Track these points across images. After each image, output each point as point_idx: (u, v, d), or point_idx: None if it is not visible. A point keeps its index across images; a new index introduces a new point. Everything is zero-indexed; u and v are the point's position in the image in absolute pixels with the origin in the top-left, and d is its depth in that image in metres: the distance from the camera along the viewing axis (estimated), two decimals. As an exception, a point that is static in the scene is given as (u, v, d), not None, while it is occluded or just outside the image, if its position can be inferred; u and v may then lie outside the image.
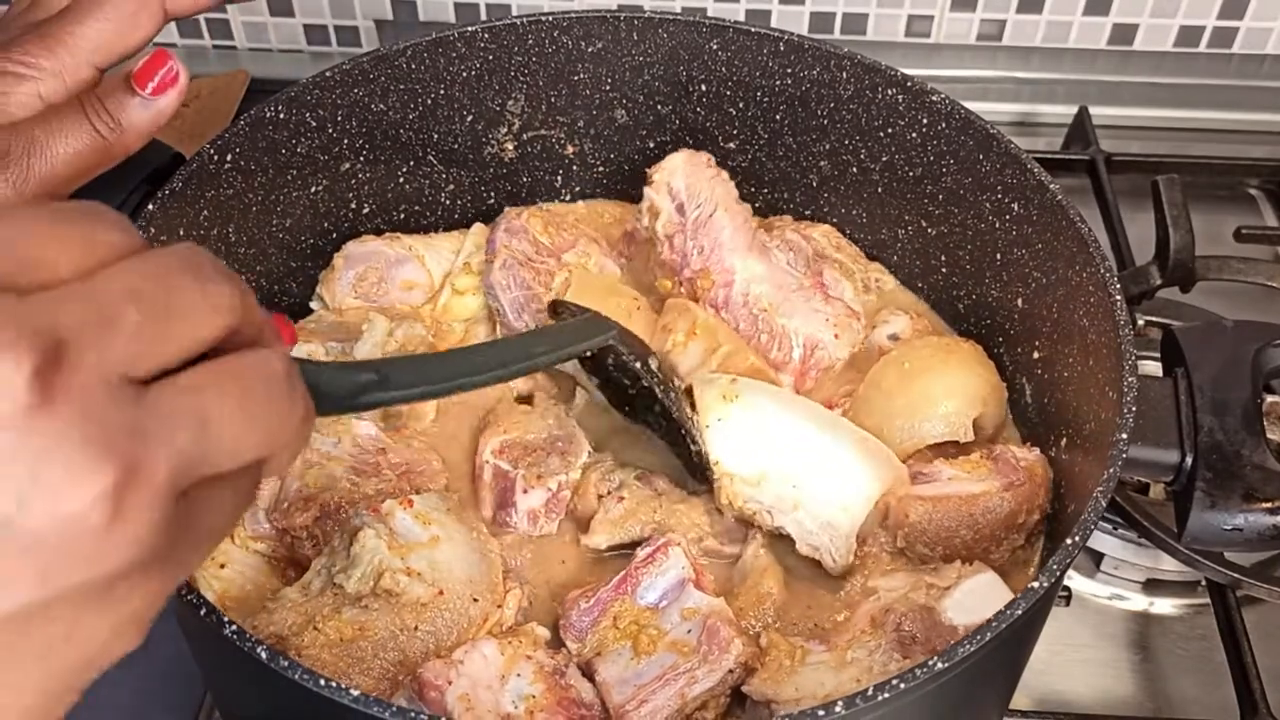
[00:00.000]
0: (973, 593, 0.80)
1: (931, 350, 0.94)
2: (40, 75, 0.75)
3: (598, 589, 0.82)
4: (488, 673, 0.76)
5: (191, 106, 1.43)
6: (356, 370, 0.60)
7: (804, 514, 0.86)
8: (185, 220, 0.87)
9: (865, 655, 0.78)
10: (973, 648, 0.63)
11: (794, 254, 1.01)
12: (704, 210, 0.98)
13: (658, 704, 0.77)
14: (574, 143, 1.09)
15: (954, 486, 0.86)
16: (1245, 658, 0.95)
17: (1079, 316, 0.85)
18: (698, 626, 0.80)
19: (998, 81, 1.53)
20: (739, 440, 0.87)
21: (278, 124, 0.94)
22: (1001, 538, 0.85)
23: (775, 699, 0.77)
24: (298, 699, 0.63)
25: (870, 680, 0.74)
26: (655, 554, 0.83)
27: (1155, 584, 1.06)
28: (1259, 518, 0.77)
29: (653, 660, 0.79)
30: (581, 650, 0.81)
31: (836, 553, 0.86)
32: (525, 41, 1.01)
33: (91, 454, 0.40)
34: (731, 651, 0.78)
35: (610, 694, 0.78)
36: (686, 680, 0.78)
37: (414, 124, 1.02)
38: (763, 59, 1.01)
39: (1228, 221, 1.34)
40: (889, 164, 1.01)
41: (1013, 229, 0.94)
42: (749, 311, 0.97)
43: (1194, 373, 0.83)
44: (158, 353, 0.43)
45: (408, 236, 1.03)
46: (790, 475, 0.86)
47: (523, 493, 0.88)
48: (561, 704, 0.77)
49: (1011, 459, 0.86)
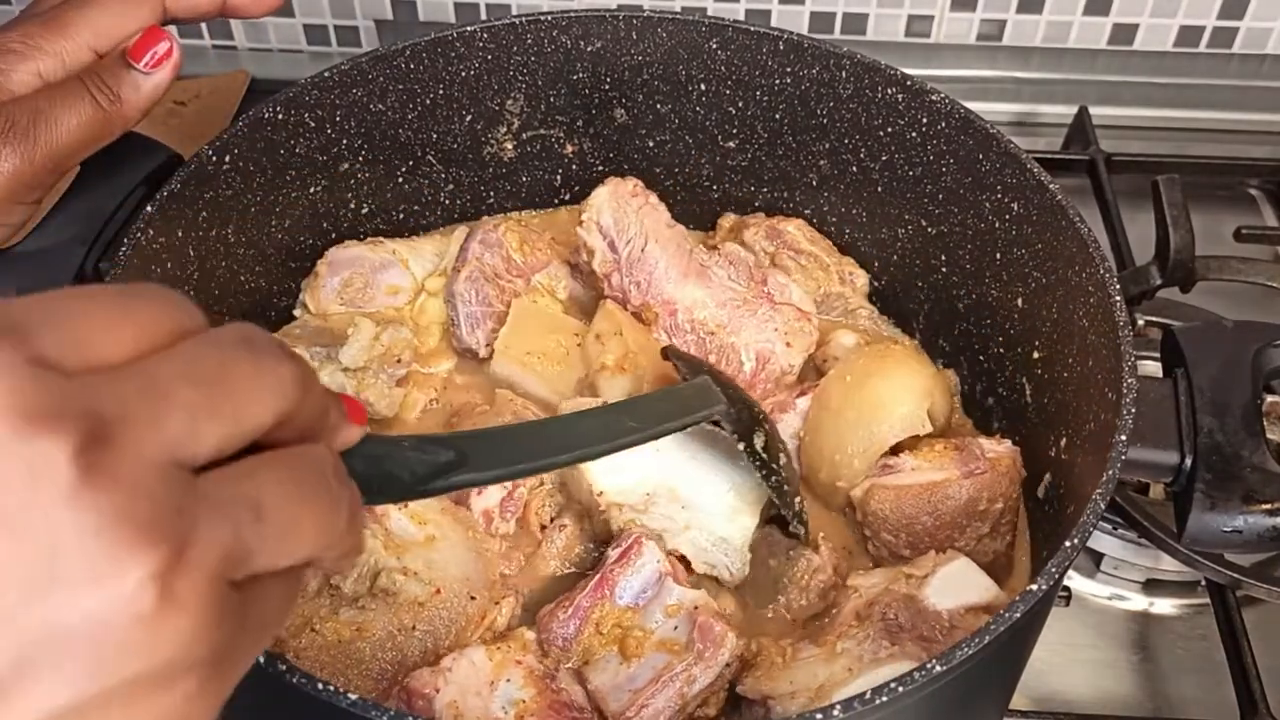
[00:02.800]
0: (950, 578, 0.82)
1: (867, 359, 0.95)
2: (40, 55, 0.77)
3: (574, 596, 0.81)
4: (476, 679, 0.75)
5: (191, 106, 1.43)
6: (435, 449, 0.55)
7: (695, 532, 0.86)
8: (184, 221, 0.87)
9: (855, 645, 0.78)
10: (972, 649, 0.63)
11: (735, 267, 1.00)
12: (634, 245, 0.98)
13: (658, 706, 0.76)
14: (573, 142, 1.09)
15: (915, 476, 0.88)
16: (1245, 658, 0.95)
17: (1079, 317, 0.85)
18: (685, 623, 0.79)
19: (998, 81, 1.53)
20: (616, 465, 0.85)
21: (276, 125, 0.94)
22: (964, 525, 0.86)
23: (771, 694, 0.77)
24: (294, 703, 0.63)
25: (862, 669, 0.76)
26: (628, 552, 0.82)
27: (1155, 584, 1.06)
28: (1259, 519, 0.77)
29: (644, 663, 0.78)
30: (567, 661, 0.80)
31: (733, 565, 0.86)
32: (524, 41, 1.01)
33: (138, 533, 0.38)
34: (726, 646, 0.78)
35: (606, 702, 0.77)
36: (684, 680, 0.77)
37: (413, 124, 1.02)
38: (762, 58, 1.01)
39: (1228, 221, 1.34)
40: (889, 163, 1.01)
41: (1012, 229, 0.93)
42: (697, 336, 0.98)
43: (1194, 373, 0.82)
44: (211, 434, 0.41)
45: (391, 240, 1.03)
46: (674, 492, 0.86)
47: (477, 493, 0.87)
48: (553, 708, 0.76)
49: (977, 450, 0.87)
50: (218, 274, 0.92)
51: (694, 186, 1.12)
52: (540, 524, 0.89)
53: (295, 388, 0.44)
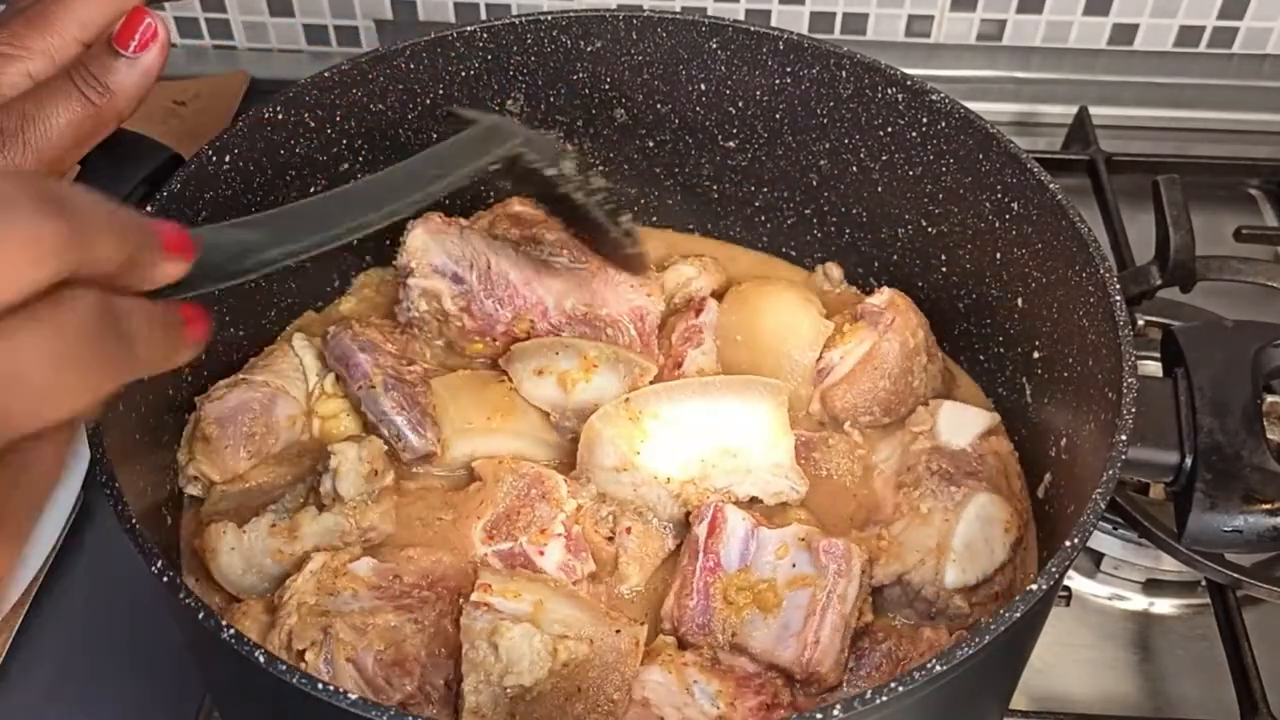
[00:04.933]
0: (950, 421, 0.93)
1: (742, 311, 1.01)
2: (29, 55, 0.76)
3: (688, 583, 0.83)
4: (673, 694, 0.77)
5: (190, 107, 1.43)
6: (240, 229, 0.54)
7: (755, 471, 0.89)
8: (184, 221, 0.86)
9: (933, 499, 0.88)
10: (971, 649, 0.63)
11: (567, 249, 1.00)
12: (478, 265, 0.97)
13: (827, 636, 0.80)
14: (573, 141, 1.09)
15: (848, 361, 0.97)
16: (1245, 658, 0.95)
17: (1079, 317, 0.85)
18: (801, 555, 0.83)
19: (998, 81, 1.53)
20: (669, 449, 0.89)
21: (276, 125, 0.94)
22: (909, 367, 0.96)
23: (903, 570, 0.85)
24: (295, 704, 0.63)
25: (958, 512, 0.86)
26: (714, 523, 0.85)
27: (1155, 584, 1.06)
28: (1259, 519, 0.77)
29: (787, 607, 0.81)
30: (718, 642, 0.81)
31: (795, 484, 0.90)
32: (524, 40, 1.01)
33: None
34: (854, 556, 0.82)
35: (777, 656, 0.80)
36: (837, 600, 0.81)
37: (413, 124, 1.02)
38: (762, 58, 1.01)
39: (1228, 221, 1.34)
40: (889, 163, 1.01)
41: (1013, 229, 0.93)
42: (574, 325, 0.97)
43: (1194, 373, 0.82)
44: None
45: (244, 371, 0.95)
46: (724, 447, 0.89)
47: (539, 555, 0.86)
48: (742, 685, 0.78)
49: (873, 309, 0.97)
50: (218, 274, 0.92)
51: (694, 187, 1.12)
52: (605, 538, 0.88)
53: (64, 248, 0.42)
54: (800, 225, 1.10)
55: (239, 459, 0.90)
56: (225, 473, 0.90)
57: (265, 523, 0.85)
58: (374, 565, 0.82)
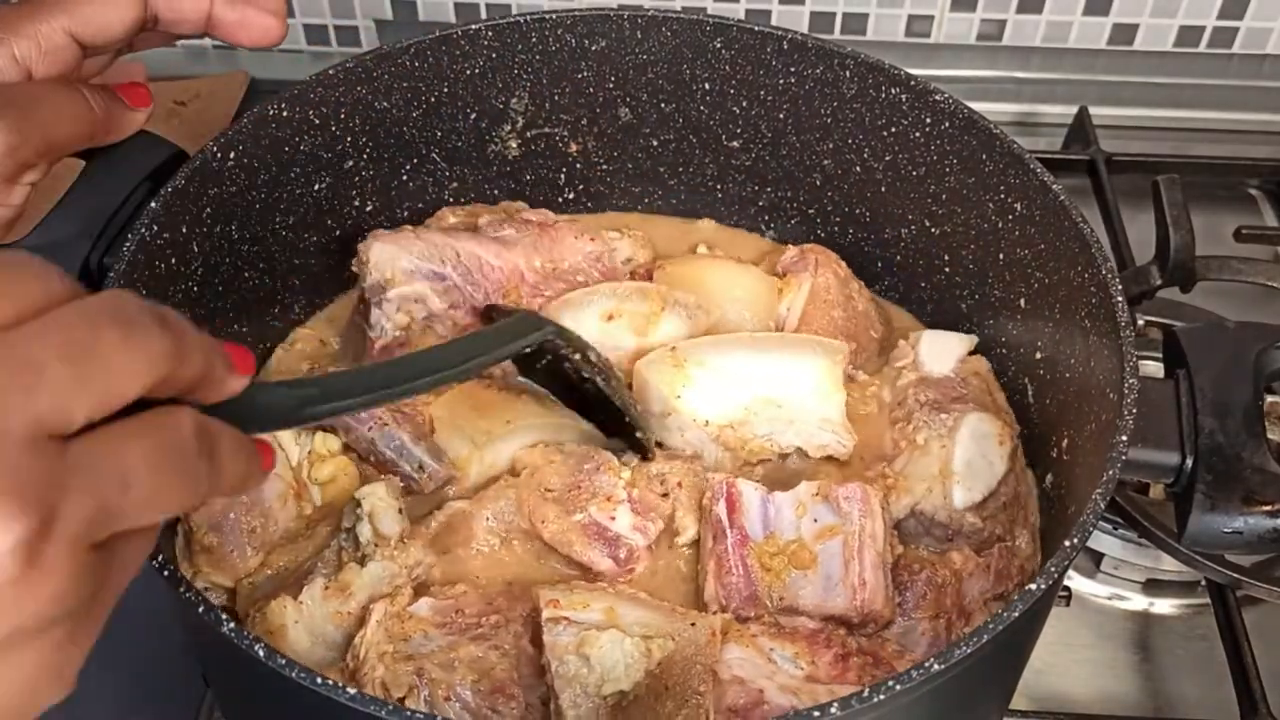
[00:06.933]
0: (930, 350, 0.97)
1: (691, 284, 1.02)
2: (14, 37, 0.77)
3: (725, 560, 0.83)
4: (759, 666, 0.78)
5: (191, 106, 1.43)
6: (298, 385, 0.62)
7: (800, 423, 0.92)
8: (188, 218, 0.87)
9: (927, 430, 0.91)
10: (970, 649, 0.63)
11: (506, 222, 1.01)
12: (449, 257, 0.97)
13: (869, 575, 0.82)
14: (578, 140, 1.09)
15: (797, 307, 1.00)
16: (1245, 658, 0.95)
17: (1080, 317, 0.85)
18: (820, 508, 0.85)
19: (998, 81, 1.53)
20: (711, 395, 0.91)
21: (281, 122, 0.94)
22: (850, 294, 1.01)
23: (914, 501, 0.89)
24: (293, 698, 0.63)
25: (954, 437, 0.90)
26: (730, 499, 0.86)
27: (1155, 584, 1.06)
28: (1259, 520, 0.77)
29: (823, 559, 0.83)
30: (767, 609, 0.82)
31: (842, 439, 0.92)
32: (529, 39, 1.01)
33: (7, 503, 0.40)
34: (872, 495, 0.85)
35: (830, 608, 0.82)
36: (869, 540, 0.83)
37: (417, 122, 1.02)
38: (766, 57, 1.01)
39: (1228, 221, 1.34)
40: (892, 163, 1.01)
41: (1015, 229, 0.94)
42: (549, 282, 0.99)
43: (1195, 374, 0.82)
44: (80, 407, 0.43)
45: None
46: (768, 398, 0.92)
47: (611, 520, 0.86)
48: (811, 642, 0.80)
49: (794, 258, 1.02)
50: (221, 270, 0.92)
51: (698, 186, 1.12)
52: (660, 495, 0.88)
53: (166, 360, 0.46)
54: (804, 225, 1.10)
55: (247, 559, 0.86)
56: (238, 575, 0.86)
57: (318, 586, 0.82)
58: (432, 604, 0.81)
